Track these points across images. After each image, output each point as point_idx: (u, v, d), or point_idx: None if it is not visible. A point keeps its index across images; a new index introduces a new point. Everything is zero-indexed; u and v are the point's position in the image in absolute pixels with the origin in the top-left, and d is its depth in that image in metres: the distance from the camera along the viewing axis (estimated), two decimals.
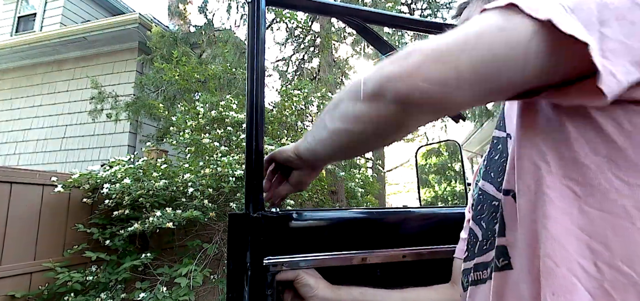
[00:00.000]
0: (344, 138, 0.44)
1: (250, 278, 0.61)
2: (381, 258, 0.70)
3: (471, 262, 0.53)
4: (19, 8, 7.38)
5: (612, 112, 0.34)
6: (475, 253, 0.52)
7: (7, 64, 6.59)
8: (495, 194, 0.50)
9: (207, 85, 4.77)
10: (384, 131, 0.39)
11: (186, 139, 3.43)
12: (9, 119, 6.48)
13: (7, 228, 2.60)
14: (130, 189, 2.92)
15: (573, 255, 0.34)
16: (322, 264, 0.67)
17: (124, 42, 5.95)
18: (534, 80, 0.33)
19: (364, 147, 0.45)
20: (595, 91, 0.30)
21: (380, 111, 0.36)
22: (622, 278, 0.32)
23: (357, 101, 0.39)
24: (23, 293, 2.60)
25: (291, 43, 6.75)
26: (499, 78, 0.32)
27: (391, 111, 0.35)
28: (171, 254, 3.23)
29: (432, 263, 0.73)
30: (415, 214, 0.82)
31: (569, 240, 0.34)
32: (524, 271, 0.39)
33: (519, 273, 0.40)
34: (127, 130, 5.55)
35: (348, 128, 0.42)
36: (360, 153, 0.48)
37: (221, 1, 6.25)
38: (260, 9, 0.68)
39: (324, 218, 0.73)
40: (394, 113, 0.36)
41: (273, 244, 0.64)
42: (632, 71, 0.31)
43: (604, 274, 0.33)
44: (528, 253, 0.38)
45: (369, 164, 8.47)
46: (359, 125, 0.40)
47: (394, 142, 0.43)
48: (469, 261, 0.54)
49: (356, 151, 0.47)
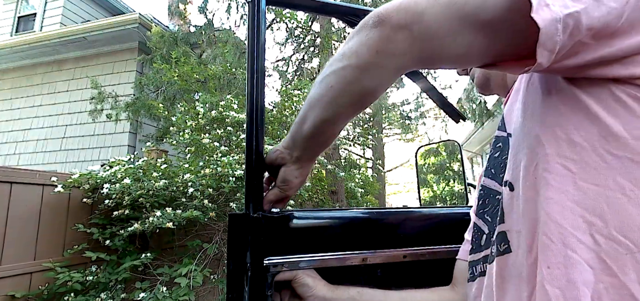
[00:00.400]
0: (335, 79, 0.47)
1: (250, 279, 0.61)
2: (382, 258, 0.70)
3: (477, 254, 0.54)
4: (19, 8, 7.38)
5: (597, 94, 0.36)
6: (482, 245, 0.53)
7: (7, 64, 6.59)
8: (498, 189, 0.51)
9: (207, 85, 4.77)
10: (383, 57, 0.42)
11: (186, 139, 3.43)
12: (9, 119, 6.48)
13: (7, 228, 2.60)
14: (130, 189, 2.92)
15: (569, 229, 0.36)
16: (323, 264, 0.66)
17: (124, 42, 5.95)
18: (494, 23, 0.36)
19: (351, 90, 0.46)
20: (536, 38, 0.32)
21: (382, 34, 0.40)
22: (618, 247, 0.33)
23: (360, 31, 0.43)
24: (23, 293, 2.60)
25: (291, 43, 6.75)
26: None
27: (392, 33, 0.40)
28: (171, 254, 3.23)
29: (433, 263, 0.72)
30: (417, 214, 0.82)
31: (565, 215, 0.36)
32: (522, 252, 0.41)
33: (516, 255, 0.42)
34: (127, 130, 5.54)
35: (345, 65, 0.45)
36: (348, 99, 0.48)
37: (221, 1, 6.25)
38: (260, 9, 0.68)
39: (324, 218, 0.73)
40: (394, 35, 0.40)
41: (273, 244, 0.64)
42: (570, 5, 0.32)
43: (600, 245, 0.34)
44: (528, 235, 0.40)
45: (369, 164, 8.47)
46: (359, 55, 0.43)
47: (381, 82, 0.45)
48: (475, 254, 0.55)
49: (345, 94, 0.48)
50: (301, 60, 6.76)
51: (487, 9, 0.35)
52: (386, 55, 0.41)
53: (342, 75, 0.46)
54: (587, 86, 0.37)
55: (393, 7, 0.39)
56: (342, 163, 5.48)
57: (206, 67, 4.92)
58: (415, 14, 0.38)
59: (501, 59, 0.40)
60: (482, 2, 0.35)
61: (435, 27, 0.37)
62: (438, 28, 0.37)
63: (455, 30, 0.37)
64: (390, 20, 0.39)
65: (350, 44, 0.45)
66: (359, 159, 7.86)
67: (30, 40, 6.08)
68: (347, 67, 0.45)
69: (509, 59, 0.39)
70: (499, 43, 0.38)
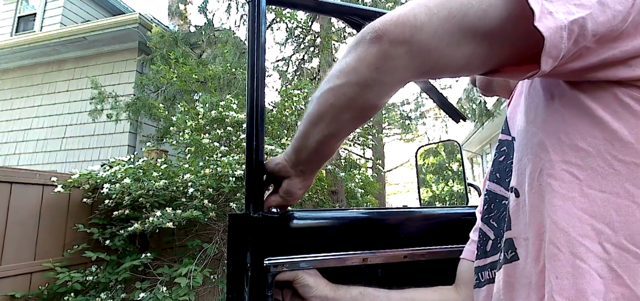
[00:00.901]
0: (335, 97, 0.46)
1: (250, 279, 0.61)
2: (383, 258, 0.70)
3: (484, 260, 0.53)
4: (19, 8, 7.38)
5: (601, 97, 0.35)
6: (487, 252, 0.53)
7: (7, 64, 6.58)
8: (504, 194, 0.51)
9: (207, 85, 4.77)
10: (381, 72, 0.41)
11: (186, 139, 3.42)
12: (9, 119, 6.48)
13: (7, 228, 2.60)
14: (130, 189, 2.92)
15: (577, 238, 0.34)
16: (324, 265, 0.66)
17: (124, 42, 5.95)
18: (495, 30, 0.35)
19: (352, 105, 0.46)
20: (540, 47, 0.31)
21: (380, 50, 0.39)
22: (628, 255, 0.32)
23: (357, 46, 0.42)
24: (23, 293, 2.59)
25: (291, 43, 6.75)
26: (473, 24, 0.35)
27: (387, 49, 0.38)
28: (171, 254, 3.23)
29: (435, 263, 0.72)
30: (419, 214, 0.82)
31: (572, 224, 0.35)
32: (530, 260, 0.40)
33: (525, 263, 0.41)
34: (127, 130, 5.54)
35: (344, 82, 0.44)
36: (350, 115, 0.48)
37: (221, 1, 6.25)
38: (260, 8, 0.67)
39: (325, 218, 0.73)
40: (389, 51, 0.38)
41: (274, 244, 0.64)
42: (575, 11, 0.31)
43: (610, 254, 0.33)
44: (535, 242, 0.39)
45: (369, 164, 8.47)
46: (358, 73, 0.42)
47: (382, 94, 0.44)
48: (480, 259, 0.54)
49: (347, 111, 0.48)
50: (301, 60, 6.76)
51: (488, 20, 0.34)
52: (386, 71, 0.40)
53: (342, 92, 0.45)
54: (591, 90, 0.36)
55: (391, 22, 0.38)
56: (342, 163, 5.48)
57: (206, 68, 4.92)
58: (414, 28, 0.36)
59: (503, 66, 0.39)
60: (483, 13, 0.34)
61: (434, 41, 0.36)
62: (438, 42, 0.36)
63: (455, 42, 0.36)
64: (388, 35, 0.38)
65: (348, 60, 0.43)
66: (359, 159, 7.85)
67: (30, 40, 6.07)
68: (346, 85, 0.44)
69: (510, 66, 0.38)
70: (500, 52, 0.37)
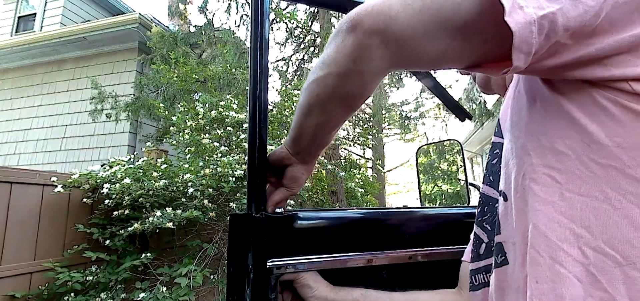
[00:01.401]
0: (319, 88, 0.48)
1: (252, 281, 0.60)
2: (388, 259, 0.69)
3: (478, 263, 0.53)
4: (19, 8, 7.37)
5: (579, 100, 0.35)
6: (481, 255, 0.53)
7: (7, 64, 6.57)
8: (496, 197, 0.51)
9: (207, 85, 4.76)
10: (360, 63, 0.42)
11: (186, 139, 3.42)
12: (9, 119, 6.47)
13: (7, 228, 2.59)
14: (130, 189, 2.91)
15: (556, 242, 0.35)
16: (329, 266, 0.65)
17: (124, 42, 5.94)
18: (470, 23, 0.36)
19: (336, 95, 0.48)
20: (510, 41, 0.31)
21: (356, 41, 0.40)
22: (606, 260, 0.32)
23: (336, 36, 0.43)
24: (23, 293, 2.59)
25: (291, 43, 6.75)
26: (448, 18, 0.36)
27: (364, 39, 0.40)
28: (171, 254, 3.22)
29: (440, 265, 0.71)
30: (426, 214, 0.81)
31: (552, 228, 0.35)
32: (518, 265, 0.40)
33: (513, 267, 0.41)
34: (127, 130, 5.53)
35: (326, 73, 0.46)
36: (337, 105, 0.50)
37: (221, 1, 6.24)
38: (263, 4, 0.67)
39: (329, 219, 0.72)
40: (366, 41, 0.40)
41: (277, 246, 0.63)
42: (546, 6, 0.31)
43: (589, 258, 0.33)
44: (521, 246, 0.39)
45: (369, 164, 8.47)
46: (337, 64, 0.44)
47: (366, 83, 0.46)
48: (474, 262, 0.54)
49: (332, 101, 0.49)
50: (301, 60, 6.75)
51: (462, 14, 0.34)
52: (363, 61, 0.41)
53: (325, 83, 0.47)
54: (570, 92, 0.36)
55: (366, 12, 0.39)
56: (342, 162, 5.48)
57: (206, 68, 4.91)
58: (388, 18, 0.37)
59: (481, 61, 0.39)
60: (457, 6, 0.34)
61: (409, 32, 0.36)
62: (412, 33, 0.36)
63: (429, 34, 0.36)
64: (362, 25, 0.39)
65: (329, 50, 0.45)
66: (359, 159, 7.85)
67: (30, 40, 6.06)
68: (328, 76, 0.46)
69: (489, 61, 0.38)
70: (475, 47, 0.37)
